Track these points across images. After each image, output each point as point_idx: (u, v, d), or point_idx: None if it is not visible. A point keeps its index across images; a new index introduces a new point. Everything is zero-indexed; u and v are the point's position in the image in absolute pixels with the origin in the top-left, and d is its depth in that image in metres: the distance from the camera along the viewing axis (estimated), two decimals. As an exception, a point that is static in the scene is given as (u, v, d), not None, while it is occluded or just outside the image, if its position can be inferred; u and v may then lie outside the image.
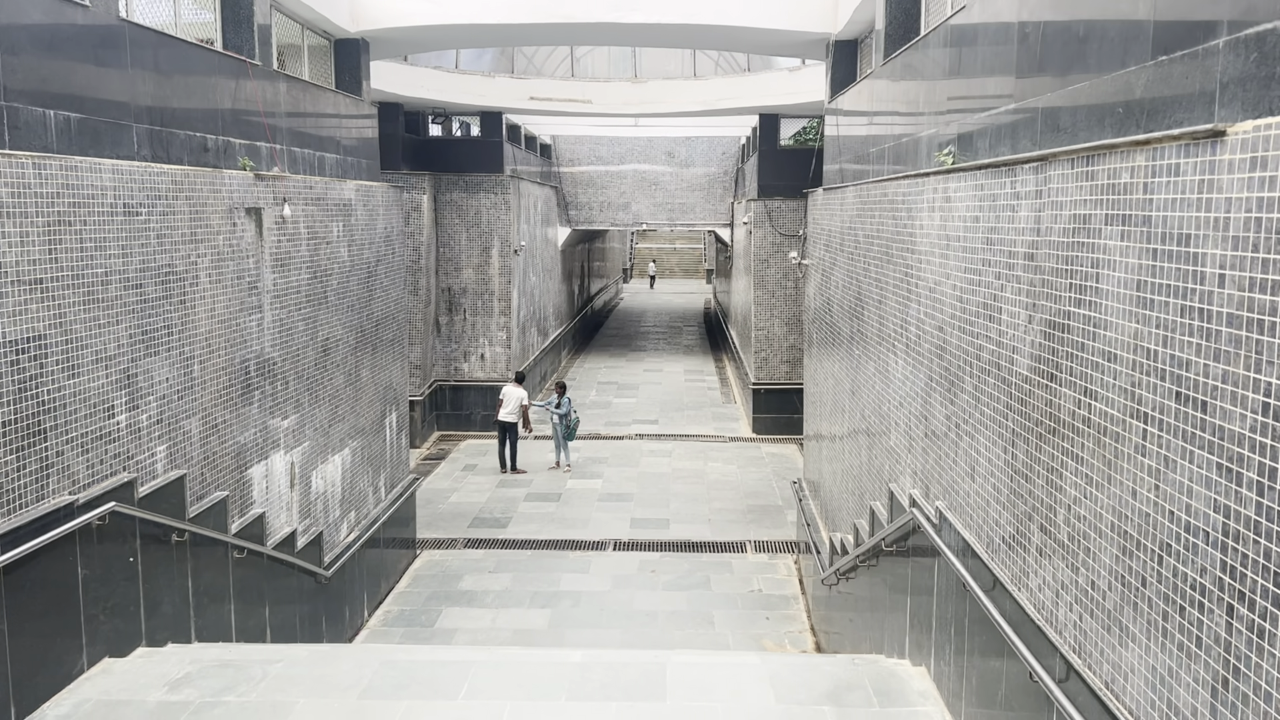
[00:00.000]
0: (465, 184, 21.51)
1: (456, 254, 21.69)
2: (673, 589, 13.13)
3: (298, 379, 10.04)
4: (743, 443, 21.21)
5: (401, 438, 13.87)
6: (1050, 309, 4.41)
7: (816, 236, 12.34)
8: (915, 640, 6.90)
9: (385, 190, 12.99)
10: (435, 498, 17.11)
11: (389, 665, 6.67)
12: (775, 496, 17.26)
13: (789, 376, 21.74)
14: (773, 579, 13.53)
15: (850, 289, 9.59)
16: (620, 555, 14.40)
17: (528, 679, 6.47)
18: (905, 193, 7.22)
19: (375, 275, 12.47)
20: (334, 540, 11.18)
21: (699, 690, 6.31)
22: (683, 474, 18.63)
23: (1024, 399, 4.76)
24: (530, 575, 13.56)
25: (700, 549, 14.66)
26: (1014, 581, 4.91)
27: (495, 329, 21.85)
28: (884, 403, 8.02)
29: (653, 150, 30.45)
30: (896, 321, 7.53)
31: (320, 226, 10.62)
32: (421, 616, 12.29)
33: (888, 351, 7.86)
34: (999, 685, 5.08)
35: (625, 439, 21.35)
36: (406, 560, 13.93)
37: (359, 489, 12.04)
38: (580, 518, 16.02)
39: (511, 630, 11.83)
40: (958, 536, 5.85)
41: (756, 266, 21.64)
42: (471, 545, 14.79)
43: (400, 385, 13.79)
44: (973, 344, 5.58)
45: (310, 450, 10.40)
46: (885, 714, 6.08)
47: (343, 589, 11.29)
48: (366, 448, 12.28)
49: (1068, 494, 4.22)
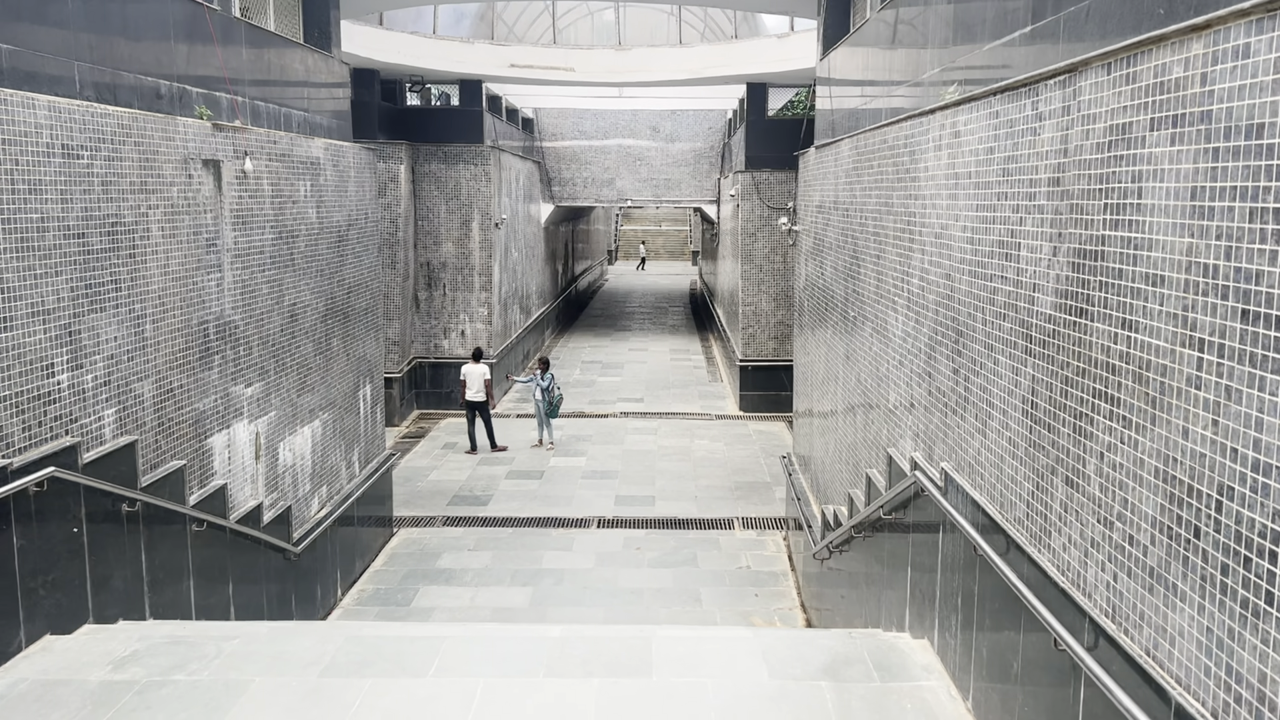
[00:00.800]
0: (444, 155, 20.93)
1: (435, 227, 21.12)
2: (658, 566, 12.69)
3: (262, 345, 9.51)
4: (730, 420, 20.78)
5: (376, 412, 13.36)
6: (1079, 237, 3.96)
7: (808, 200, 11.87)
8: (916, 612, 6.48)
9: (357, 151, 12.44)
10: (414, 475, 16.61)
11: (354, 641, 6.20)
12: (763, 473, 16.84)
13: (776, 353, 21.32)
14: (761, 555, 13.11)
15: (845, 248, 9.14)
16: (604, 533, 13.96)
17: (503, 655, 6.02)
18: (908, 135, 6.75)
19: (346, 240, 11.93)
20: (304, 516, 10.68)
21: (687, 665, 5.87)
22: (668, 451, 18.19)
23: (1046, 340, 4.31)
24: (511, 553, 13.10)
25: (687, 526, 14.23)
26: (1033, 542, 4.47)
27: (476, 305, 21.31)
28: (882, 364, 7.58)
29: (637, 124, 29.88)
30: (897, 275, 7.08)
31: (286, 184, 10.07)
32: (398, 595, 11.81)
33: (886, 309, 7.41)
34: (1014, 657, 4.65)
35: (610, 417, 20.90)
36: (383, 538, 13.45)
37: (331, 463, 11.53)
38: (563, 495, 15.56)
39: (491, 609, 11.38)
40: (966, 498, 5.41)
41: (744, 240, 21.17)
42: (451, 523, 14.32)
43: (374, 357, 13.27)
44: (985, 288, 5.12)
45: (277, 421, 9.89)
46: (887, 689, 5.65)
47: (314, 567, 10.80)
48: (338, 421, 11.77)
49: (1100, 441, 3.78)
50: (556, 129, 29.98)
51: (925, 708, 5.45)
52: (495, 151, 21.41)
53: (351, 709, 5.33)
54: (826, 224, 10.20)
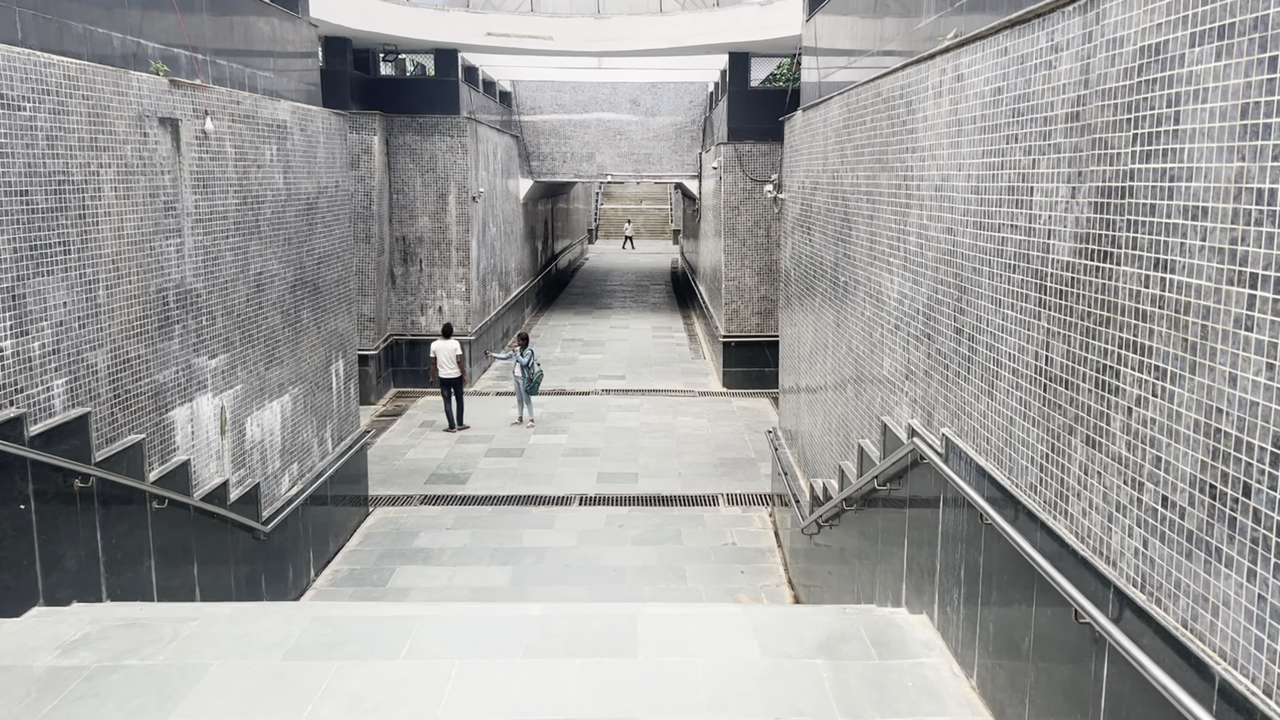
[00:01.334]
0: (419, 126, 20.42)
1: (411, 201, 20.63)
2: (642, 543, 12.38)
3: (226, 315, 9.09)
4: (713, 397, 20.48)
5: (350, 388, 12.96)
6: (1104, 174, 3.63)
7: (794, 165, 11.51)
8: (914, 586, 6.18)
9: (326, 116, 11.97)
10: (391, 454, 16.22)
11: (321, 622, 5.84)
12: (748, 449, 16.55)
13: (760, 329, 21.00)
14: (747, 532, 12.82)
15: (835, 212, 8.80)
16: (586, 510, 13.64)
17: (479, 635, 5.67)
18: (904, 85, 6.40)
19: (316, 208, 11.49)
20: (274, 494, 10.29)
21: (674, 644, 5.55)
22: (651, 428, 17.87)
23: (1064, 290, 3.98)
24: (491, 532, 12.75)
25: (670, 503, 13.93)
26: (1047, 509, 4.16)
27: (454, 280, 20.87)
28: (876, 329, 7.25)
29: (617, 98, 29.39)
30: (892, 235, 6.74)
31: (250, 148, 9.62)
32: (373, 575, 11.45)
33: (880, 271, 7.08)
34: (1025, 632, 4.35)
35: (591, 394, 20.55)
36: (358, 518, 13.07)
37: (302, 440, 11.13)
38: (544, 473, 15.22)
39: (470, 588, 11.04)
40: (970, 465, 5.10)
41: (726, 214, 20.80)
42: (428, 502, 13.95)
43: (347, 332, 12.85)
44: (993, 239, 4.79)
45: (243, 395, 9.48)
46: (886, 667, 5.35)
47: (285, 546, 10.42)
48: (309, 396, 11.36)
49: (1127, 395, 3.46)
50: (535, 103, 29.45)
51: (927, 686, 5.16)
52: (472, 123, 20.92)
53: (316, 694, 4.98)
54: (815, 188, 9.86)
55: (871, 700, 4.95)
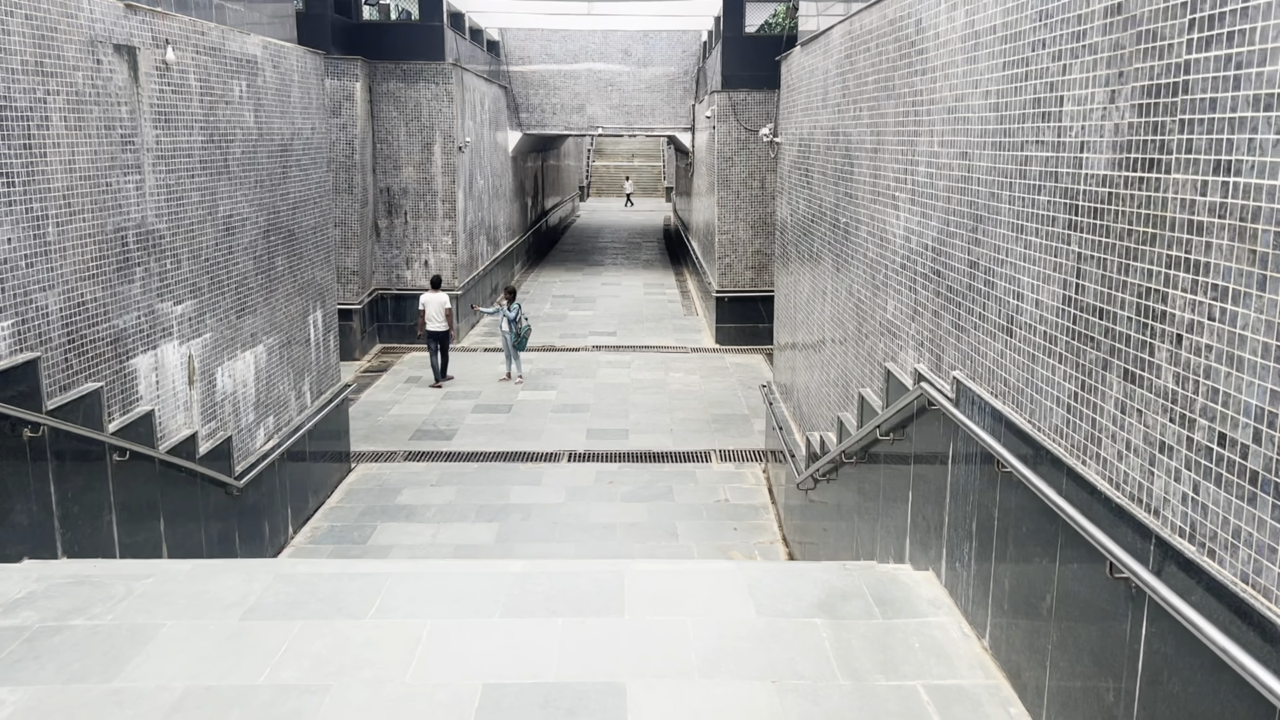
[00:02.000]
0: (403, 73, 19.77)
1: (395, 150, 20.04)
2: (632, 500, 12.03)
3: (193, 259, 8.61)
4: (705, 353, 20.08)
5: (329, 340, 12.50)
6: (1151, 71, 3.18)
7: (791, 105, 11.01)
8: (919, 541, 5.81)
9: (302, 55, 11.40)
10: (375, 410, 15.81)
11: (284, 579, 5.45)
12: (741, 405, 16.18)
13: (754, 283, 20.56)
14: (740, 489, 12.47)
15: (835, 149, 8.33)
16: (575, 466, 13.27)
17: (455, 593, 5.29)
18: (912, 3, 5.91)
19: (290, 150, 10.96)
20: (248, 448, 9.88)
21: (664, 602, 5.18)
22: (642, 384, 17.47)
23: (1099, 209, 3.55)
24: (476, 488, 12.38)
25: (662, 459, 13.56)
26: (1075, 453, 3.77)
27: (439, 233, 20.33)
28: (879, 270, 6.82)
29: (608, 47, 28.65)
30: (899, 167, 6.29)
31: (217, 82, 9.09)
32: (354, 533, 11.09)
33: (885, 208, 6.63)
34: (1046, 588, 3.97)
35: (581, 351, 20.13)
36: (339, 474, 12.68)
37: (278, 393, 10.70)
38: (532, 429, 14.83)
39: (454, 545, 10.68)
40: (984, 410, 4.70)
41: (720, 165, 20.26)
42: (412, 458, 13.56)
43: (326, 281, 12.37)
44: (1014, 160, 4.35)
45: (213, 343, 9.03)
46: (890, 626, 4.98)
47: (260, 503, 10.03)
48: (286, 347, 10.91)
49: (1177, 321, 3.04)
50: (524, 52, 28.71)
51: (935, 647, 4.79)
52: (458, 70, 20.28)
53: (275, 656, 4.59)
54: (813, 128, 9.38)
55: (876, 662, 4.59)
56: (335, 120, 18.41)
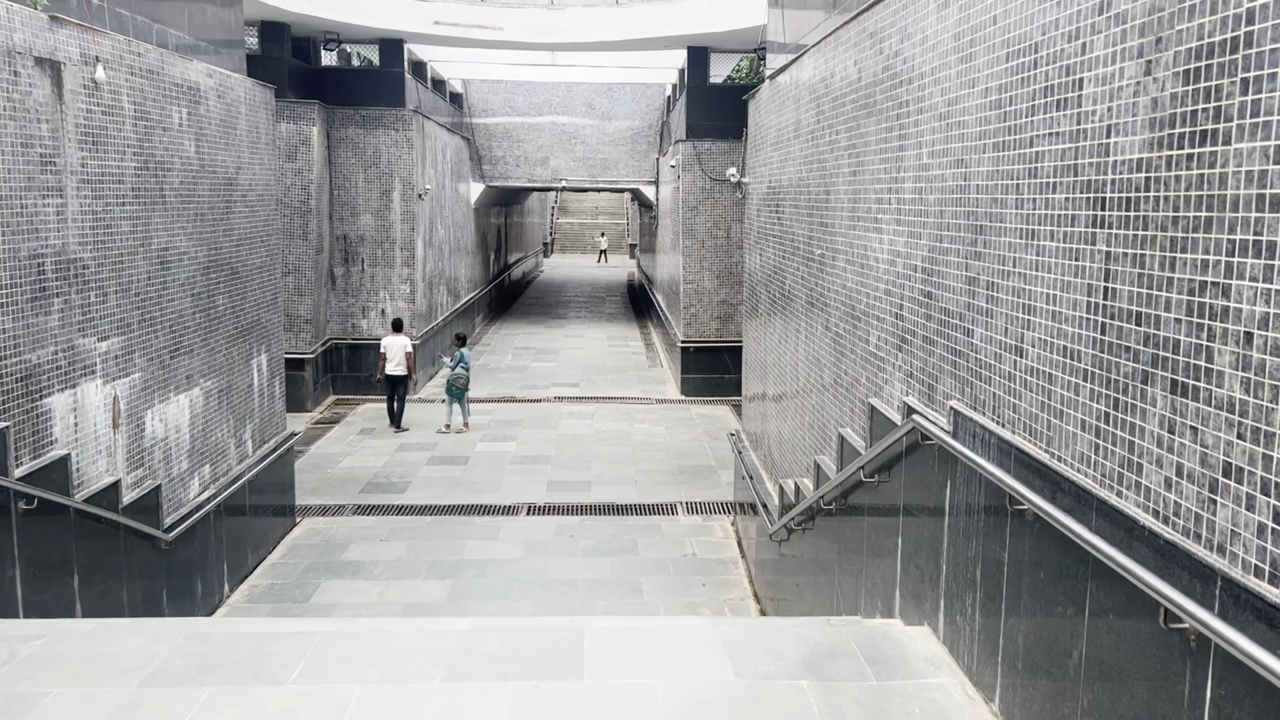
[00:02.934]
0: (362, 119, 19.34)
1: (353, 197, 19.52)
2: (595, 555, 11.37)
3: (122, 292, 7.97)
4: (671, 404, 19.54)
5: (274, 386, 11.82)
6: (1200, 30, 2.74)
7: (760, 143, 10.65)
8: (911, 593, 5.26)
9: (250, 87, 10.90)
10: (324, 462, 15.05)
11: (197, 639, 4.77)
12: (708, 457, 15.62)
13: (720, 333, 20.14)
14: (708, 542, 11.86)
15: (809, 180, 7.92)
16: (535, 520, 12.59)
17: (391, 654, 4.64)
18: (896, 11, 5.53)
19: (235, 185, 10.39)
20: (180, 499, 9.14)
21: (629, 662, 4.57)
22: (606, 435, 16.87)
23: (1133, 199, 3.09)
24: (429, 543, 11.66)
25: (626, 512, 12.93)
26: (1109, 483, 3.26)
27: (397, 281, 19.75)
28: (861, 300, 6.35)
29: (572, 100, 28.51)
30: (882, 187, 5.86)
31: (154, 108, 8.54)
32: (295, 591, 10.31)
33: (867, 232, 6.19)
34: (1072, 642, 3.43)
35: (543, 402, 19.51)
36: (283, 529, 11.90)
37: (215, 440, 9.99)
38: (490, 481, 14.15)
39: (402, 604, 9.94)
40: (989, 440, 4.19)
41: (685, 214, 19.94)
42: (362, 512, 12.82)
43: (272, 324, 11.72)
44: (1020, 160, 3.91)
45: (142, 384, 8.35)
46: (886, 689, 4.41)
47: (193, 558, 9.26)
48: (225, 392, 10.22)
49: (1244, 315, 2.56)
50: (487, 104, 28.47)
51: (938, 712, 4.22)
52: (418, 117, 19.89)
53: (175, 730, 3.92)
54: (784, 160, 8.99)
55: (874, 730, 4.00)
56: (291, 165, 17.89)
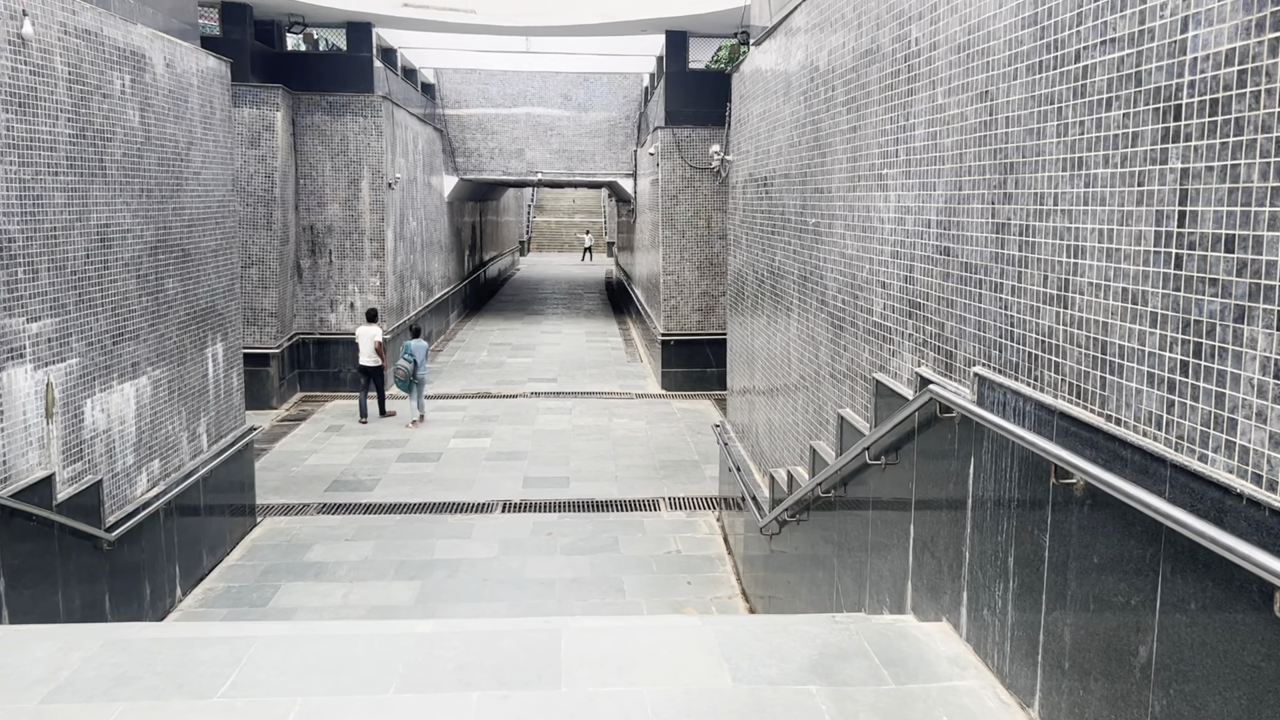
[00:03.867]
0: (329, 105, 18.66)
1: (320, 186, 18.83)
2: (574, 553, 10.78)
3: (55, 270, 7.32)
4: (651, 399, 18.98)
5: (232, 377, 11.16)
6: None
7: (744, 117, 10.11)
8: (925, 586, 4.72)
9: (202, 57, 10.25)
10: (289, 460, 14.38)
11: (115, 648, 4.16)
12: (691, 451, 15.06)
13: (701, 326, 19.60)
14: (693, 539, 11.30)
15: (800, 145, 7.38)
16: (510, 518, 12.00)
17: (340, 661, 4.05)
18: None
19: (187, 161, 9.74)
20: (125, 495, 8.48)
21: (612, 668, 4.00)
22: (585, 431, 16.28)
23: (1221, 101, 2.56)
24: (398, 543, 11.04)
25: (606, 508, 12.35)
26: (1187, 445, 2.72)
27: (367, 274, 19.08)
28: (863, 266, 5.82)
29: (548, 91, 27.90)
30: (886, 140, 5.32)
31: (93, 72, 7.89)
32: (253, 594, 9.66)
33: (870, 190, 5.65)
34: (1141, 637, 2.89)
35: (519, 397, 18.90)
36: (242, 528, 11.24)
37: (166, 434, 9.33)
38: (463, 478, 13.53)
39: (367, 607, 9.32)
40: (1025, 407, 3.66)
41: (665, 204, 19.39)
42: (327, 511, 12.17)
43: (229, 311, 11.06)
44: (1067, 76, 3.37)
45: (80, 371, 7.69)
46: (906, 694, 3.86)
47: (140, 560, 8.61)
48: (177, 381, 9.57)
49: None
50: (460, 95, 27.81)
51: (968, 719, 3.68)
52: (388, 104, 19.23)
53: (75, 755, 3.31)
54: (773, 129, 8.45)
55: (898, 743, 3.45)
56: (254, 151, 17.20)
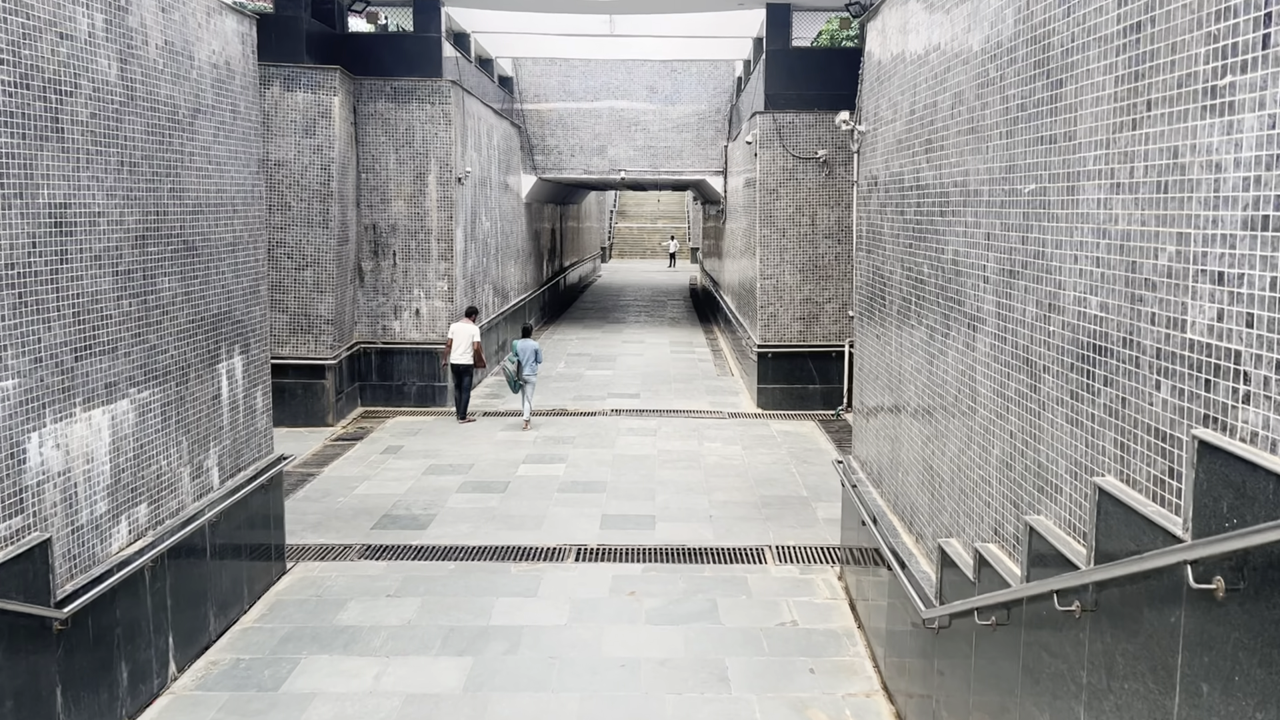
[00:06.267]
0: (393, 91, 16.92)
1: (383, 181, 17.10)
2: (662, 621, 8.64)
3: (-20, 261, 5.48)
4: (746, 419, 16.75)
5: (255, 398, 9.31)
6: None
7: (890, 69, 7.86)
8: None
9: (217, 6, 8.41)
10: (336, 489, 12.55)
11: None
12: (796, 484, 12.81)
13: (803, 337, 17.31)
14: (810, 605, 9.06)
15: (1008, 78, 5.12)
16: (585, 569, 9.91)
17: None
18: None
19: (192, 132, 7.91)
20: (91, 554, 6.61)
21: None
22: (672, 457, 14.15)
23: None
24: (448, 600, 9.05)
25: (700, 558, 10.19)
26: None
27: (434, 277, 17.27)
28: (1157, 251, 3.55)
29: (632, 83, 25.93)
30: (1228, 30, 3.07)
31: (43, 2, 6.05)
32: (265, 671, 7.74)
33: (1183, 120, 3.40)
34: None
35: (598, 415, 16.86)
36: (265, 579, 9.36)
37: (158, 470, 7.47)
38: (531, 514, 11.52)
39: (403, 695, 7.31)
40: None
41: (763, 199, 17.17)
42: (371, 555, 10.25)
43: (252, 318, 9.22)
44: None
45: (21, 396, 5.83)
46: None
47: (112, 635, 6.73)
48: (175, 405, 7.71)
49: None
50: (539, 88, 26.01)
51: None
52: (457, 90, 17.41)
53: None
54: (946, 70, 6.18)
55: None
56: (308, 140, 15.52)
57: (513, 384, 15.81)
